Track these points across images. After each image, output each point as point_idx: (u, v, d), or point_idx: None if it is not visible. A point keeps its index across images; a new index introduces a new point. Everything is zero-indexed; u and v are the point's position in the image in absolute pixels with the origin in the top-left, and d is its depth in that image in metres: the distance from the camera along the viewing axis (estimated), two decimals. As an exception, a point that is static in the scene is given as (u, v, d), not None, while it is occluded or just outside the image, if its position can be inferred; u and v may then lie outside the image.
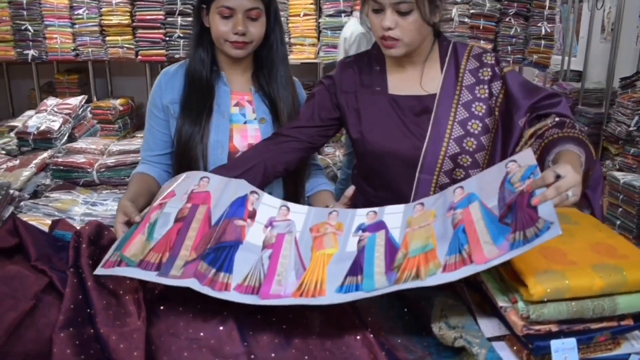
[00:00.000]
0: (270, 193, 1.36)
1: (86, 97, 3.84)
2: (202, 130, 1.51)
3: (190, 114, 1.52)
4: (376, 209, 1.24)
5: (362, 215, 1.25)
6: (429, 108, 1.44)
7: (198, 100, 1.53)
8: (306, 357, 1.02)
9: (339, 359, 1.02)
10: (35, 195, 2.77)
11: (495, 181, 1.13)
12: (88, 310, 1.06)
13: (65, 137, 3.35)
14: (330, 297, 1.06)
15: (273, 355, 1.02)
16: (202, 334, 1.05)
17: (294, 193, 1.64)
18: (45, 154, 3.02)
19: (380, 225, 1.21)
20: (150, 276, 1.09)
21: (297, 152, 1.52)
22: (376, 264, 1.11)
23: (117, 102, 4.03)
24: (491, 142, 1.45)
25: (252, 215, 1.24)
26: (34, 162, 2.90)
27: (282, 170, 1.51)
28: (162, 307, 1.11)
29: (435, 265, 1.04)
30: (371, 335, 1.05)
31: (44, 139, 3.18)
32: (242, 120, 1.58)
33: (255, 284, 1.11)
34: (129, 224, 1.27)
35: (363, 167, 1.56)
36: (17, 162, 2.92)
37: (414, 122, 1.45)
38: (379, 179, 1.51)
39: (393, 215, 1.23)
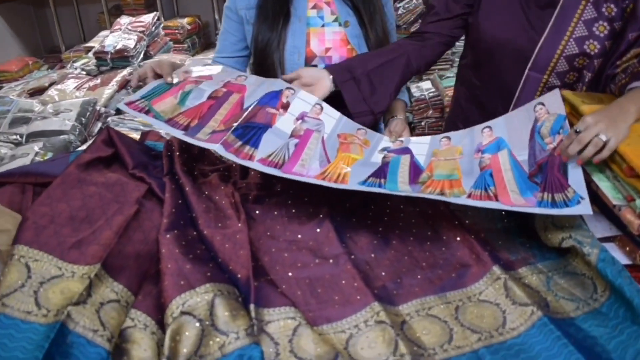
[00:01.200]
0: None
1: (157, 13, 3.95)
2: (279, 36, 1.47)
3: (266, 21, 1.48)
4: (403, 138, 1.28)
5: (388, 141, 1.28)
6: (555, 2, 1.34)
7: (274, 5, 1.48)
8: (406, 258, 1.05)
9: (439, 259, 1.05)
10: (119, 112, 2.73)
11: (524, 128, 1.12)
12: (189, 214, 1.09)
13: (142, 55, 3.35)
14: (352, 186, 1.08)
15: (372, 255, 1.05)
16: (299, 236, 1.09)
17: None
18: (125, 72, 3.04)
19: (405, 150, 1.24)
20: (177, 133, 1.13)
21: (439, 47, 1.48)
22: (400, 175, 1.14)
23: (185, 21, 4.08)
24: None
25: (285, 107, 1.27)
26: (115, 80, 2.91)
27: (423, 65, 1.47)
28: (257, 212, 1.15)
29: (460, 191, 1.05)
30: (472, 237, 1.08)
31: (121, 58, 3.23)
32: (319, 23, 1.51)
33: (279, 161, 1.14)
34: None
35: (473, 57, 1.52)
36: (99, 81, 2.93)
37: (537, 14, 1.36)
38: (487, 71, 1.47)
39: (419, 145, 1.25)
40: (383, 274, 1.03)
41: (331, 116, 1.28)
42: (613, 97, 1.18)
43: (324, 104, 1.29)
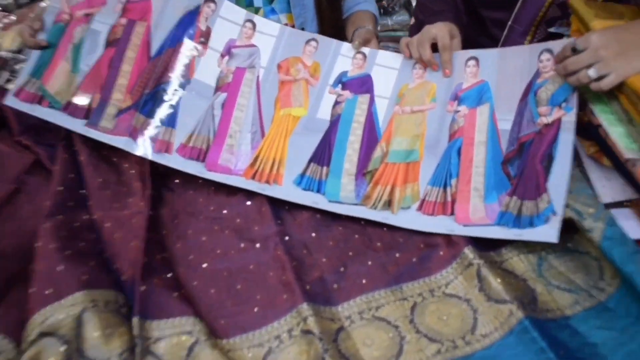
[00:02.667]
0: (303, 27, 1.16)
1: None
2: None
3: None
4: (367, 50, 1.06)
5: (347, 58, 1.06)
6: None
7: None
8: (356, 236, 0.91)
9: (399, 237, 0.91)
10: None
11: (518, 79, 0.94)
12: (81, 191, 0.95)
13: None
14: (287, 189, 0.96)
15: (314, 235, 0.91)
16: (225, 211, 0.95)
17: (331, 20, 1.33)
18: (44, 3, 2.85)
19: (365, 83, 1.04)
20: (77, 126, 0.98)
21: None
22: (348, 154, 0.98)
23: None
24: None
25: (206, 36, 1.04)
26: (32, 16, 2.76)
27: None
28: (176, 181, 0.99)
29: (413, 193, 0.93)
30: None
31: None
32: None
33: (203, 145, 1.00)
34: None
35: None
36: (14, 17, 2.78)
37: None
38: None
39: (385, 70, 1.04)
40: (324, 259, 0.88)
41: (268, 33, 1.06)
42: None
43: (258, 19, 1.06)
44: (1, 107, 1.06)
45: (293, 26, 1.15)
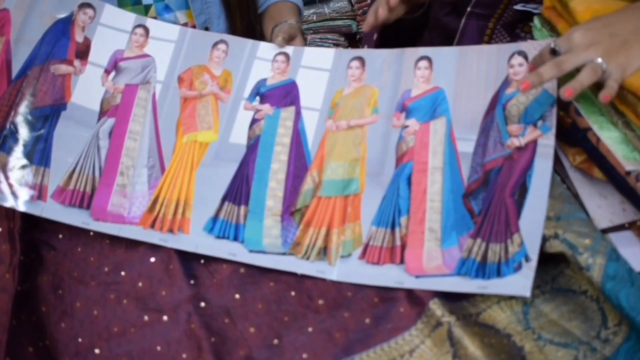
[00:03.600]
0: (207, 27, 1.03)
1: None
2: None
3: None
4: (290, 49, 0.92)
5: (266, 62, 0.91)
6: None
7: None
8: (292, 293, 0.79)
9: (346, 290, 0.78)
10: None
11: (483, 88, 0.82)
12: None
13: None
14: (196, 239, 0.83)
15: (238, 296, 0.78)
16: (123, 272, 0.82)
17: (242, 16, 1.16)
18: None
19: (289, 92, 0.90)
20: None
21: None
22: (271, 188, 0.85)
23: None
24: None
25: (83, 49, 0.90)
26: None
27: None
28: (60, 235, 0.85)
29: (354, 237, 0.80)
30: None
31: None
32: None
33: (87, 187, 0.86)
34: None
35: None
36: None
37: None
38: None
39: (313, 73, 0.90)
40: (251, 330, 0.75)
41: (164, 39, 0.93)
42: None
43: (151, 22, 0.93)
44: None
45: (194, 26, 0.99)
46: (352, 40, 2.29)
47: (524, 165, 0.76)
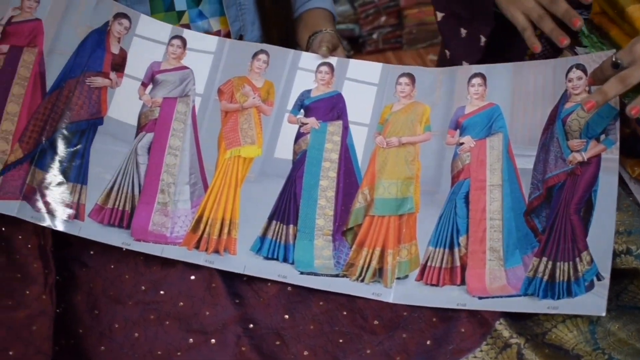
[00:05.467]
0: (241, 34, 1.04)
1: None
2: None
3: None
4: (334, 59, 0.93)
5: (310, 73, 0.92)
6: None
7: None
8: (344, 313, 0.79)
9: (402, 310, 0.79)
10: None
11: (541, 103, 0.85)
12: None
13: None
14: (243, 260, 0.83)
15: (287, 317, 0.79)
16: (162, 291, 0.81)
17: (278, 23, 1.15)
18: None
19: (335, 105, 0.90)
20: None
21: None
22: (321, 206, 0.86)
23: None
24: None
25: (120, 63, 0.91)
26: None
27: None
28: (91, 252, 0.85)
29: (410, 258, 0.81)
30: None
31: None
32: None
33: (126, 205, 0.86)
34: None
35: None
36: None
37: None
38: None
39: (360, 86, 0.91)
40: (305, 353, 0.77)
41: (203, 50, 0.94)
42: None
43: (189, 33, 0.95)
44: None
45: (228, 34, 1.00)
46: (355, 43, 2.32)
47: (589, 180, 0.77)
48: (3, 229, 0.84)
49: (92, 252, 0.84)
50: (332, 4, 1.14)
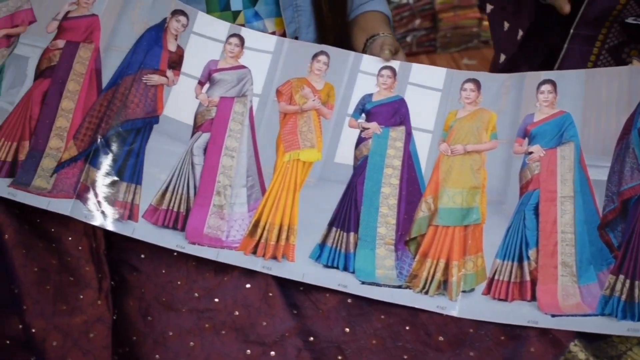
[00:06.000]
0: (296, 36, 1.03)
1: None
2: None
3: None
4: (396, 64, 0.91)
5: (371, 76, 0.91)
6: None
7: None
8: (407, 328, 0.78)
9: (467, 326, 0.78)
10: None
11: (615, 111, 0.84)
12: (11, 287, 0.78)
13: None
14: (302, 267, 0.82)
15: (348, 330, 0.77)
16: (216, 299, 0.80)
17: (334, 25, 1.14)
18: None
19: (398, 110, 0.89)
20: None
21: None
22: (382, 214, 0.85)
23: None
24: None
25: (177, 61, 0.90)
26: None
27: None
28: (142, 255, 0.83)
29: (477, 270, 0.80)
30: None
31: None
32: None
33: (181, 207, 0.85)
34: None
35: None
36: None
37: None
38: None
39: (423, 91, 0.90)
40: None
41: (261, 49, 0.92)
42: None
43: (246, 31, 0.93)
44: None
45: (283, 35, 0.99)
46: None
47: None
48: (52, 229, 0.83)
49: (142, 256, 0.83)
50: (387, 7, 1.12)
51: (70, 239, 0.82)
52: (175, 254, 0.82)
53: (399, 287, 0.78)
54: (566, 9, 0.87)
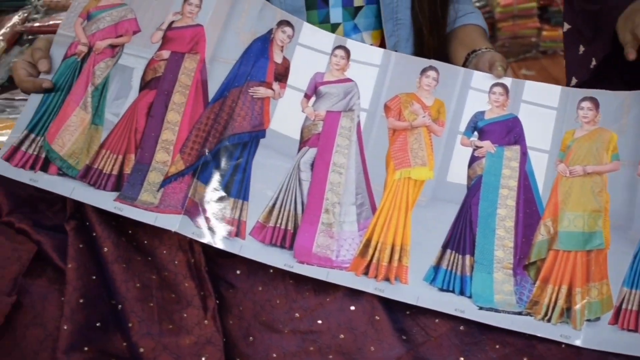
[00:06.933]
0: (395, 49, 1.01)
1: None
2: None
3: None
4: (508, 80, 0.88)
5: (482, 93, 0.88)
6: None
7: None
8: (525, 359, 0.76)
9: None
10: (12, 83, 2.14)
11: None
12: (112, 302, 0.77)
13: None
14: (416, 290, 0.79)
15: (462, 359, 0.74)
16: (320, 321, 0.77)
17: (432, 40, 1.10)
18: (16, 17, 2.49)
19: (512, 129, 0.87)
20: (103, 201, 0.81)
21: None
22: (499, 237, 0.82)
23: None
24: None
25: (283, 73, 0.88)
26: (1, 32, 2.33)
27: None
28: (238, 271, 0.82)
29: (602, 298, 0.77)
30: None
31: None
32: None
33: (288, 224, 0.83)
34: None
35: None
36: None
37: None
38: None
39: (537, 110, 0.87)
40: None
41: (368, 62, 0.90)
42: None
43: (352, 43, 0.91)
44: None
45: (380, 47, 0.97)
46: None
47: None
48: (145, 241, 0.81)
49: (238, 272, 0.81)
50: (484, 21, 1.10)
51: (164, 252, 0.81)
52: (270, 270, 0.79)
53: (519, 313, 0.75)
54: (630, 57, 0.85)
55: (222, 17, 0.88)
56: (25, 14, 2.53)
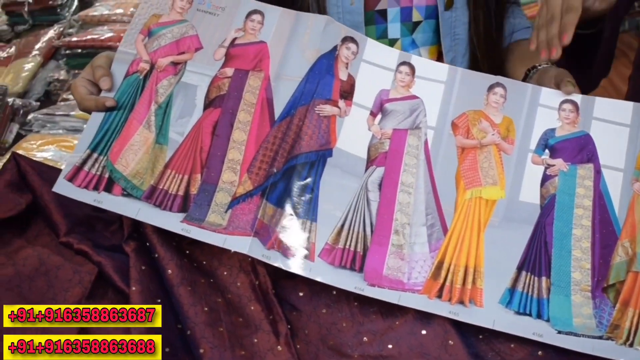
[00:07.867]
0: (453, 64, 1.01)
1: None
2: None
3: None
4: (577, 97, 0.87)
5: (551, 110, 0.87)
6: None
7: None
8: None
9: None
10: (48, 98, 2.23)
11: None
12: (178, 327, 0.77)
13: (75, 2, 2.73)
14: (491, 313, 0.78)
15: None
16: (390, 345, 0.77)
17: (488, 56, 1.11)
18: (52, 32, 2.49)
19: (584, 146, 0.85)
20: (170, 222, 0.80)
21: None
22: (576, 258, 0.80)
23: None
24: None
25: (348, 91, 0.86)
26: (37, 46, 2.38)
27: None
28: (301, 293, 0.82)
29: None
30: None
31: (45, 9, 2.64)
32: None
33: (357, 246, 0.82)
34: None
35: None
36: (13, 49, 2.39)
37: None
38: None
39: (610, 128, 0.85)
40: None
41: (433, 79, 0.89)
42: None
43: (416, 59, 0.91)
44: (34, 190, 0.85)
45: None
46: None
47: None
48: (204, 262, 0.81)
49: (301, 294, 0.80)
50: None
51: (225, 273, 0.81)
52: (334, 292, 0.78)
53: (600, 337, 0.74)
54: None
55: (286, 34, 0.88)
56: (61, 29, 2.54)
